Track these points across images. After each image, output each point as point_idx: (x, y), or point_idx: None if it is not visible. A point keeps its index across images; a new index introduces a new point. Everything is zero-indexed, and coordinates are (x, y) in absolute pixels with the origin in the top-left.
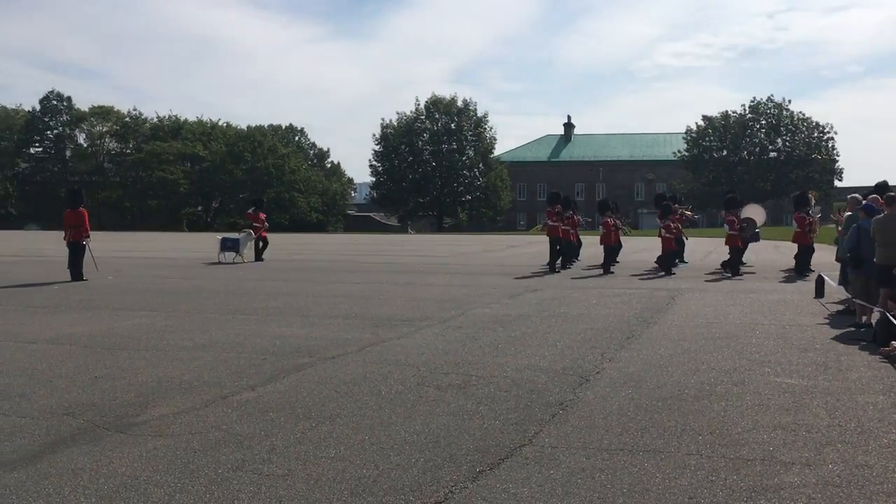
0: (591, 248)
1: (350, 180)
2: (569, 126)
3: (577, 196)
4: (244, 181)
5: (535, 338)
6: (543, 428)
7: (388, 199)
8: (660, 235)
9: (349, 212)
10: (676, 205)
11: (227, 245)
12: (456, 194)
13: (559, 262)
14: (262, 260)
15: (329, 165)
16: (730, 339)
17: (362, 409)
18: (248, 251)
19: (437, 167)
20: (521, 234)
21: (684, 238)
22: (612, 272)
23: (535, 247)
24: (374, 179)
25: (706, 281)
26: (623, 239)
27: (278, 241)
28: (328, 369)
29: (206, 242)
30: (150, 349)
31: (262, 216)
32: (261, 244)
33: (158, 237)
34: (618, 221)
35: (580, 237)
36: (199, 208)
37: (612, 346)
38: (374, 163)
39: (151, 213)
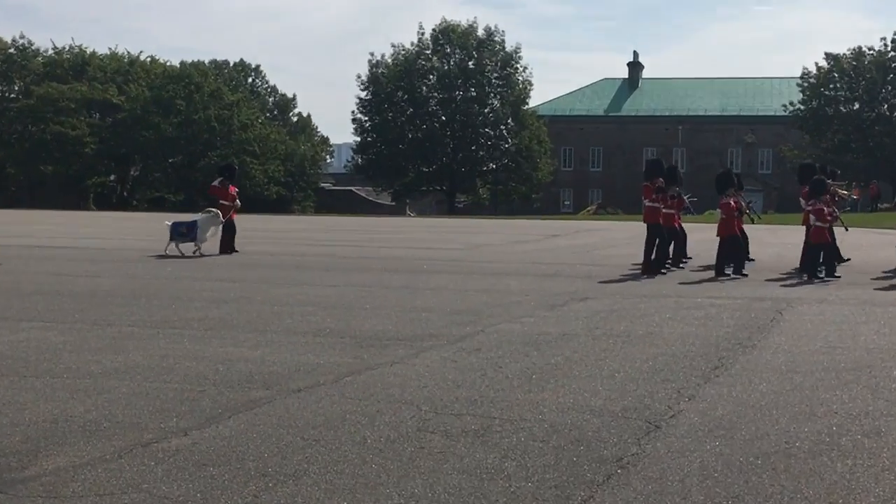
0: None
1: (325, 140)
2: (635, 67)
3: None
4: (175, 140)
5: (583, 366)
6: (595, 493)
7: (379, 167)
8: (807, 223)
9: (323, 185)
10: (830, 181)
11: (179, 231)
12: (474, 161)
13: (666, 259)
14: (233, 252)
15: (295, 119)
16: (860, 372)
17: (339, 463)
18: (212, 238)
19: (449, 123)
20: (565, 218)
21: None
22: (728, 274)
23: (585, 237)
24: (358, 140)
25: (827, 288)
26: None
27: None
28: (292, 407)
29: (136, 226)
30: (41, 376)
31: (233, 190)
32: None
33: (62, 218)
34: (742, 203)
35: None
36: (112, 178)
37: (693, 380)
38: (360, 116)
39: (45, 183)
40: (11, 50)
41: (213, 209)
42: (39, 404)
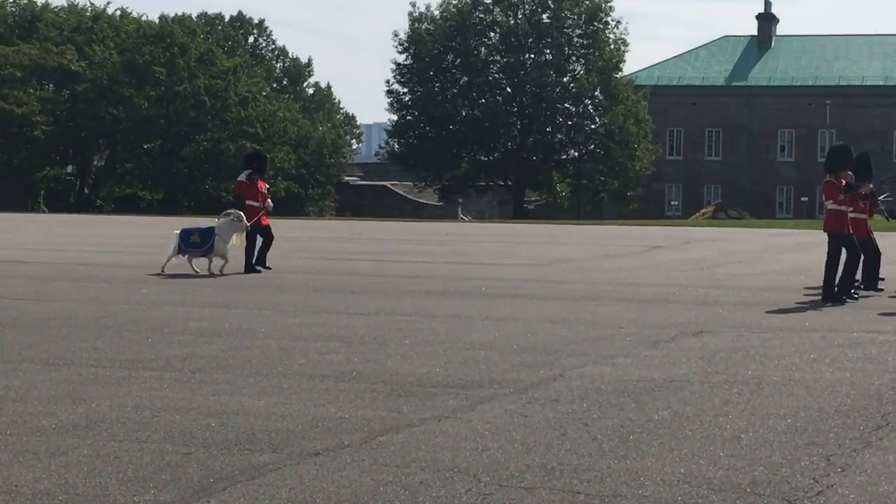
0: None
1: (350, 119)
2: (767, 21)
3: (783, 153)
4: (152, 119)
5: (697, 424)
6: None
7: (422, 154)
8: None
9: (348, 179)
10: None
11: (190, 241)
12: (550, 147)
13: (853, 281)
14: (261, 270)
15: (311, 91)
16: None
17: None
18: (234, 250)
19: (516, 96)
20: (672, 223)
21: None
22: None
23: (699, 248)
24: (395, 119)
25: None
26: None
27: None
28: (307, 476)
29: (101, 233)
30: None
31: (263, 187)
32: (259, 239)
33: (1, 223)
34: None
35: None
36: (70, 169)
37: (847, 443)
38: (396, 87)
39: None
40: None
41: (235, 210)
42: None
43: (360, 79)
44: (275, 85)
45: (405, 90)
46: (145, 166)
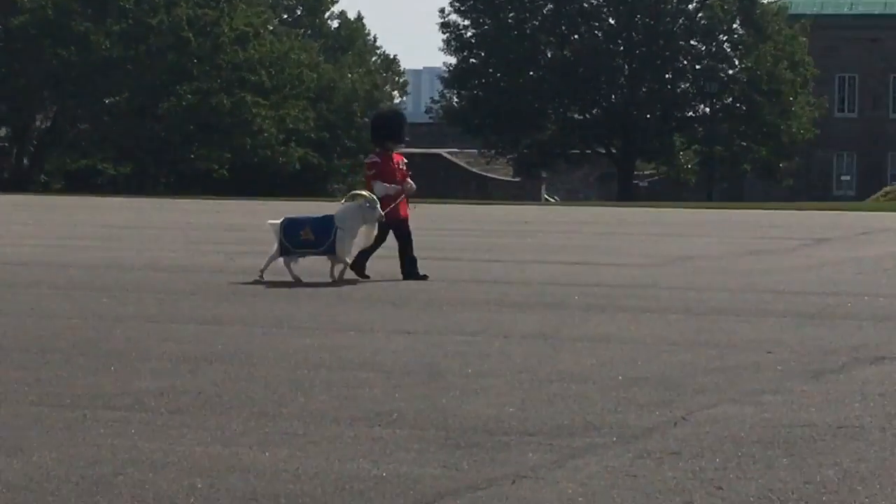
0: None
1: (390, 63)
2: None
3: None
4: (116, 64)
5: (875, 488)
6: None
7: (491, 112)
8: None
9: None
10: None
11: (297, 237)
12: (669, 102)
13: None
14: (418, 276)
15: (336, 25)
16: None
17: None
18: (357, 245)
19: (622, 31)
20: (842, 207)
21: None
22: None
23: (879, 243)
24: (452, 63)
25: None
26: None
27: (203, 222)
28: None
29: (45, 220)
30: None
31: (399, 161)
32: (388, 233)
33: None
34: None
35: None
36: (2, 132)
37: None
38: (454, 16)
39: None
40: None
41: (366, 193)
42: None
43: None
44: (285, 16)
45: (466, 22)
46: (107, 129)
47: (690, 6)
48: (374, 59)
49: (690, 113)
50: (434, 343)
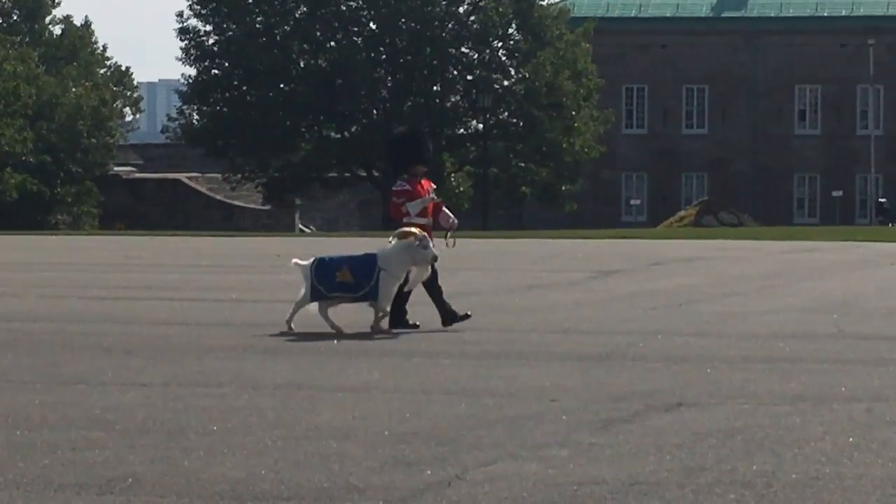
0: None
1: (122, 76)
2: None
3: (803, 121)
4: None
5: None
6: None
7: (235, 132)
8: None
9: (120, 171)
10: None
11: (332, 279)
12: (438, 118)
13: None
14: (459, 318)
15: (58, 31)
16: None
17: None
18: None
19: (384, 36)
20: (633, 234)
21: None
22: None
23: (674, 275)
24: (191, 75)
25: None
26: None
27: None
28: None
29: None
30: None
31: (428, 188)
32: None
33: None
34: None
35: None
36: None
37: None
38: (194, 21)
39: None
40: None
41: (415, 230)
42: None
43: (138, 11)
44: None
45: (208, 28)
46: None
47: (461, 9)
48: (103, 70)
49: (462, 130)
50: (174, 396)
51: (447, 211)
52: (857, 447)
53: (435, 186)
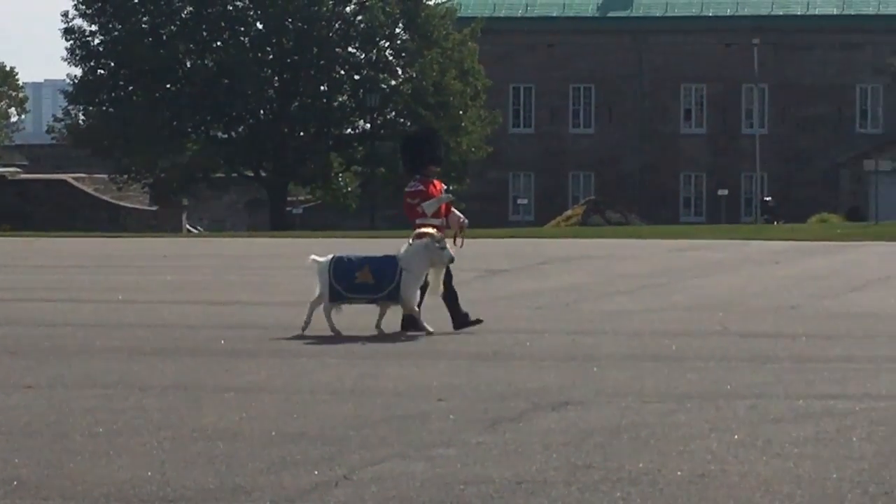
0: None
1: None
2: None
3: (688, 121)
4: None
5: None
6: None
7: (121, 132)
8: None
9: (5, 171)
10: None
11: (350, 279)
12: (325, 118)
13: None
14: (472, 322)
15: None
16: None
17: None
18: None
19: (270, 35)
20: (518, 234)
21: None
22: None
23: (562, 273)
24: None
25: None
26: None
27: None
28: None
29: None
30: None
31: (440, 189)
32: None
33: None
34: None
35: None
36: None
37: None
38: (79, 20)
39: None
40: None
41: (433, 232)
42: None
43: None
44: None
45: (94, 27)
46: None
47: (348, 9)
48: None
49: (349, 130)
50: (59, 398)
51: (457, 212)
52: (741, 444)
53: (446, 187)
